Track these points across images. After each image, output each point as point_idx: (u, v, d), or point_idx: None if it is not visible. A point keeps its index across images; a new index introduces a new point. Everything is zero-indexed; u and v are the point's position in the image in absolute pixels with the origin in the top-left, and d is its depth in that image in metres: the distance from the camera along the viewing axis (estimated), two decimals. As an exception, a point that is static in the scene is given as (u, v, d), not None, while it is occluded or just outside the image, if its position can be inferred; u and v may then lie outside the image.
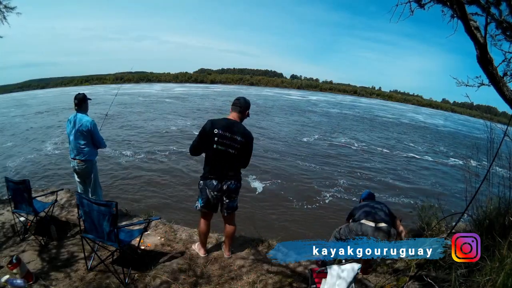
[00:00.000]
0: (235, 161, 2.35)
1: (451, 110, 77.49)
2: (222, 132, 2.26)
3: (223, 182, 2.35)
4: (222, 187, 2.36)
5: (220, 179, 2.35)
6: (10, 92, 50.86)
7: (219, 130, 2.25)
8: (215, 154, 2.29)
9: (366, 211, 2.30)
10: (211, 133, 2.26)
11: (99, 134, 3.22)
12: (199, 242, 2.72)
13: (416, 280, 2.15)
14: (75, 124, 3.13)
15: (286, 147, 11.42)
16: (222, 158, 2.30)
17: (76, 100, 3.19)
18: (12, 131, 13.39)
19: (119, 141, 10.91)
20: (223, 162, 2.32)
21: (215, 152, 2.28)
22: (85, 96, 3.24)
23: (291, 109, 26.27)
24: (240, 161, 2.39)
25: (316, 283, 1.89)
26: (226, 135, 2.26)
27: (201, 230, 2.60)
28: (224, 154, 2.29)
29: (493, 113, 6.10)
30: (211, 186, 2.36)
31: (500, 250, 1.61)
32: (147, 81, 75.04)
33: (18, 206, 2.89)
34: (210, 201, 2.42)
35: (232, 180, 2.38)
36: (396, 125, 23.21)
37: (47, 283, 2.24)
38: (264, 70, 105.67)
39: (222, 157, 2.30)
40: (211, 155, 2.32)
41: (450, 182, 9.03)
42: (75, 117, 3.15)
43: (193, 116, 17.84)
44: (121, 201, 5.10)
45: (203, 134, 2.30)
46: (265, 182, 7.36)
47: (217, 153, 2.29)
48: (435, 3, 1.98)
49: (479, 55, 1.81)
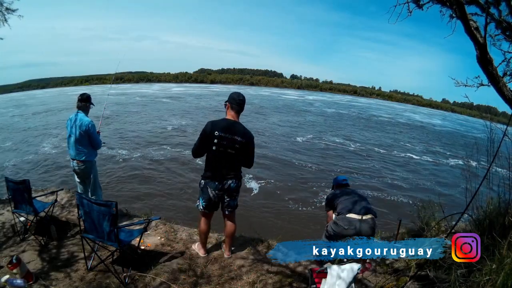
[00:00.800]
0: (235, 161, 2.37)
1: (451, 110, 77.55)
2: (222, 134, 2.28)
3: (224, 182, 2.38)
4: (224, 186, 2.39)
5: (221, 179, 2.37)
6: (10, 92, 50.85)
7: (219, 132, 2.27)
8: (216, 155, 2.31)
9: (348, 205, 2.33)
10: (211, 135, 2.28)
11: (95, 135, 3.21)
12: (199, 242, 2.72)
13: (416, 280, 2.15)
14: (75, 124, 3.12)
15: (280, 146, 11.41)
16: (222, 158, 2.32)
17: (80, 98, 3.19)
18: (11, 130, 13.40)
19: (116, 141, 10.92)
20: (223, 163, 2.34)
21: (215, 153, 2.31)
22: (89, 97, 3.25)
23: (286, 108, 26.26)
24: (240, 160, 2.40)
25: (316, 283, 1.89)
26: (226, 136, 2.28)
27: (201, 229, 2.60)
28: (224, 154, 2.31)
29: (493, 113, 6.10)
30: (213, 185, 2.38)
31: (500, 250, 1.61)
32: (147, 81, 75.10)
33: (18, 206, 2.89)
34: (211, 200, 2.44)
35: (233, 179, 2.40)
36: (392, 124, 23.17)
37: (47, 283, 2.24)
38: (264, 70, 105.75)
39: (222, 158, 2.32)
40: (212, 156, 2.34)
41: (449, 181, 9.03)
42: (76, 117, 3.15)
43: (189, 115, 17.94)
44: (121, 200, 5.10)
45: (203, 137, 2.31)
46: (261, 182, 7.36)
47: (217, 154, 2.31)
48: (434, 3, 1.98)
49: (478, 55, 1.81)
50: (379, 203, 6.50)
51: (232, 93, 2.41)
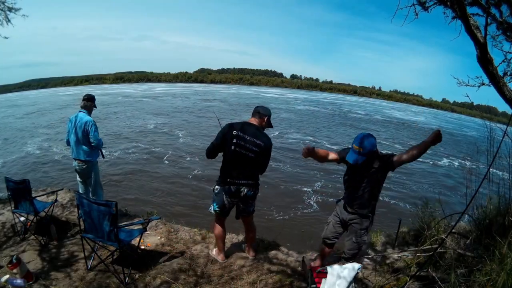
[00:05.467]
0: (253, 165, 2.27)
1: (451, 110, 77.69)
2: (241, 134, 2.18)
3: (240, 189, 2.28)
4: (240, 193, 2.30)
5: (236, 185, 2.27)
6: (9, 92, 50.80)
7: (238, 132, 2.18)
8: (234, 157, 2.20)
9: (347, 196, 2.18)
10: (230, 135, 2.18)
11: (94, 133, 3.14)
12: (217, 247, 2.66)
13: (416, 280, 2.15)
14: (75, 123, 3.12)
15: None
16: (240, 161, 2.22)
17: (86, 98, 3.22)
18: (10, 130, 13.38)
19: (110, 140, 10.93)
20: (241, 167, 2.24)
21: (233, 154, 2.19)
22: (93, 98, 3.26)
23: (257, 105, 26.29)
24: (258, 166, 2.31)
25: (316, 282, 1.88)
26: (246, 137, 2.18)
27: (217, 234, 2.54)
28: (242, 157, 2.20)
29: (493, 113, 6.11)
30: (228, 192, 2.29)
31: (500, 250, 1.61)
32: (147, 80, 75.13)
33: (18, 206, 2.89)
34: (225, 206, 2.37)
35: (250, 187, 2.30)
36: (367, 121, 23.09)
37: (47, 283, 2.24)
38: (264, 70, 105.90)
39: (240, 161, 2.21)
40: (230, 158, 2.22)
41: (445, 182, 9.04)
42: (76, 116, 3.15)
43: (170, 114, 18.12)
44: (121, 200, 5.09)
45: (222, 136, 2.21)
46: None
47: (235, 156, 2.20)
48: (437, 5, 1.98)
49: (479, 55, 1.81)
50: (378, 203, 6.46)
51: (259, 106, 2.37)
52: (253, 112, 2.35)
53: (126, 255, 2.50)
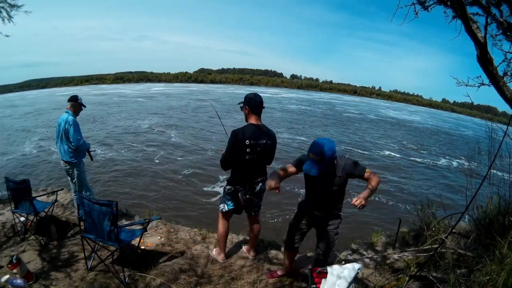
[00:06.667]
0: (265, 164, 2.39)
1: (451, 109, 77.73)
2: (253, 142, 2.21)
3: (254, 186, 2.37)
4: (255, 190, 2.38)
5: (251, 184, 2.35)
6: (10, 92, 50.80)
7: (250, 141, 2.20)
8: (248, 163, 2.26)
9: (314, 201, 2.05)
10: (243, 144, 2.19)
11: (74, 133, 3.08)
12: (219, 247, 2.66)
13: (416, 280, 2.15)
14: (60, 125, 3.14)
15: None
16: (254, 165, 2.30)
17: (68, 98, 3.23)
18: (9, 130, 13.38)
19: (106, 140, 10.95)
20: (254, 169, 2.32)
21: (248, 162, 2.24)
22: (75, 97, 3.24)
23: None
24: (268, 161, 2.41)
25: (316, 283, 1.88)
26: (257, 142, 2.23)
27: (221, 233, 2.55)
28: (256, 161, 2.27)
29: (493, 113, 6.11)
30: (243, 191, 2.35)
31: (501, 250, 1.61)
32: (147, 80, 75.19)
33: (18, 206, 2.89)
34: (240, 205, 2.40)
35: (262, 181, 2.38)
36: (363, 121, 23.02)
37: (47, 283, 2.24)
38: (264, 70, 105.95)
39: (254, 165, 2.29)
40: (244, 165, 2.27)
41: (445, 182, 9.03)
42: (61, 118, 3.16)
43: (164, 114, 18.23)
44: (121, 200, 5.09)
45: (234, 147, 2.21)
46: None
47: (250, 163, 2.26)
48: (437, 4, 1.97)
49: (479, 55, 1.81)
50: (378, 203, 6.51)
51: (248, 96, 2.27)
52: (250, 110, 2.29)
53: (126, 255, 2.50)
